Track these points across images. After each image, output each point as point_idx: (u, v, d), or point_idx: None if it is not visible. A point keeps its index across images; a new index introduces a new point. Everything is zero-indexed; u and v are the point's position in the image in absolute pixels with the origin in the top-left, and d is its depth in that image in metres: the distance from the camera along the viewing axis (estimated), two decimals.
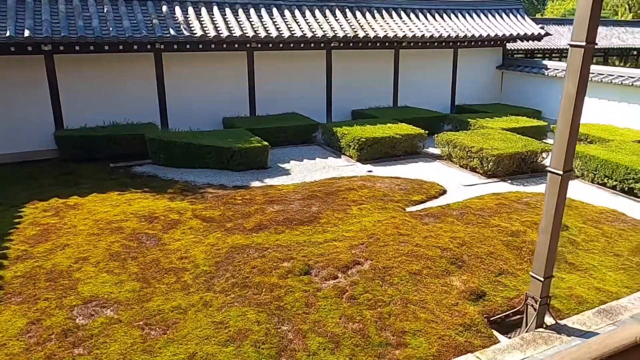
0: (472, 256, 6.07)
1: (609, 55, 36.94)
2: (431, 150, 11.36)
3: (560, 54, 35.09)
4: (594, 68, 13.76)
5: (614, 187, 9.10)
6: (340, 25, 12.73)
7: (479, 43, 14.82)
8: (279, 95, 13.01)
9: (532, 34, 15.02)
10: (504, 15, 15.44)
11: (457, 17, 14.76)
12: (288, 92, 13.17)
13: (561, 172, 4.22)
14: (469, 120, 12.49)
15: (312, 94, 13.45)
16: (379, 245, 6.26)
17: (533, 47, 30.46)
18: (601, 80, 12.83)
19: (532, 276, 4.65)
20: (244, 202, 7.90)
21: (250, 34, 11.39)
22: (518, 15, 15.64)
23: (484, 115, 13.08)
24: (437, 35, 13.62)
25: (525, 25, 15.32)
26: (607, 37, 34.22)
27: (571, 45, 3.99)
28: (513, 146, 9.83)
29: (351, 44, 12.83)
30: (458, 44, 14.62)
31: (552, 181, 4.33)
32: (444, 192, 8.73)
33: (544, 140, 12.70)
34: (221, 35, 11.07)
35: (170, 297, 5.20)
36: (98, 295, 5.20)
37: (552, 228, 4.43)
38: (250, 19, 11.87)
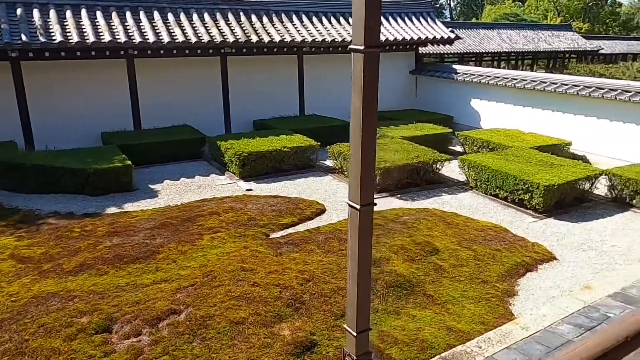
0: (315, 295, 5.22)
1: (538, 59, 38.00)
2: (328, 162, 10.58)
3: (492, 57, 35.76)
4: (494, 71, 13.48)
5: (505, 199, 8.58)
6: (232, 30, 11.78)
7: (389, 47, 14.26)
8: (168, 106, 11.91)
9: (442, 37, 14.62)
10: (414, 19, 14.97)
11: None
12: (179, 102, 12.09)
13: (358, 207, 3.41)
14: None
15: (208, 104, 12.43)
16: (212, 286, 5.31)
17: (462, 51, 30.79)
18: (505, 85, 12.50)
19: (346, 329, 3.83)
20: (82, 235, 6.77)
21: (123, 39, 10.25)
22: (429, 19, 15.23)
23: (389, 123, 12.46)
24: (340, 39, 12.92)
25: (436, 29, 14.92)
26: (534, 41, 35.15)
27: (351, 50, 3.18)
28: (405, 157, 9.17)
29: (245, 50, 11.90)
30: None
31: (352, 216, 3.52)
32: (322, 211, 7.91)
33: (450, 147, 12.24)
34: (87, 41, 9.87)
35: None
36: None
37: (359, 272, 3.60)
38: (126, 23, 10.72)
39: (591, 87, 10.81)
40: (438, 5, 75.82)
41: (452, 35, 14.73)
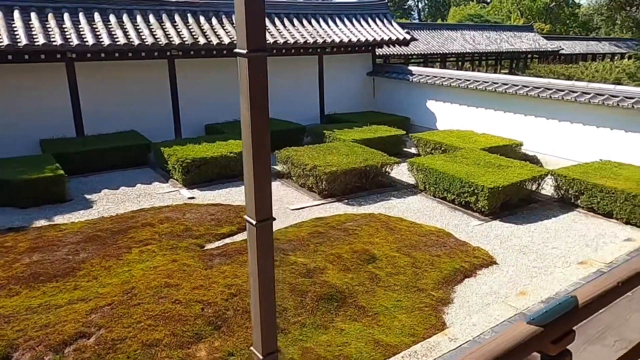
0: (240, 311, 4.96)
1: (501, 59, 38.65)
2: (278, 167, 10.31)
3: (456, 58, 36.18)
4: (448, 72, 13.48)
5: (453, 202, 8.50)
6: (178, 32, 11.40)
7: (344, 49, 14.10)
8: (114, 111, 11.44)
9: (398, 38, 14.55)
10: (369, 20, 14.86)
11: (319, 22, 13.94)
12: (125, 107, 11.63)
13: (254, 222, 3.17)
14: (324, 131, 11.62)
15: (157, 109, 12.00)
16: (130, 305, 4.98)
17: (426, 52, 31.00)
18: (459, 86, 12.49)
19: (252, 352, 3.58)
20: (1, 251, 6.32)
21: (60, 42, 9.76)
22: (385, 20, 15.14)
23: (344, 126, 12.29)
24: (292, 41, 12.69)
25: (392, 30, 14.84)
26: (497, 42, 35.71)
27: (236, 54, 2.94)
28: (353, 161, 8.99)
29: (192, 52, 11.54)
30: (319, 50, 13.78)
31: (250, 232, 3.27)
32: None
33: (406, 149, 12.16)
34: (18, 44, 9.35)
35: None
36: None
37: (261, 292, 3.35)
38: (63, 25, 10.22)
39: (540, 87, 10.87)
40: (406, 7, 76.74)
41: (408, 37, 14.69)
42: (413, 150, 12.04)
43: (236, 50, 3.03)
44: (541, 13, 51.10)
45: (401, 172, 10.00)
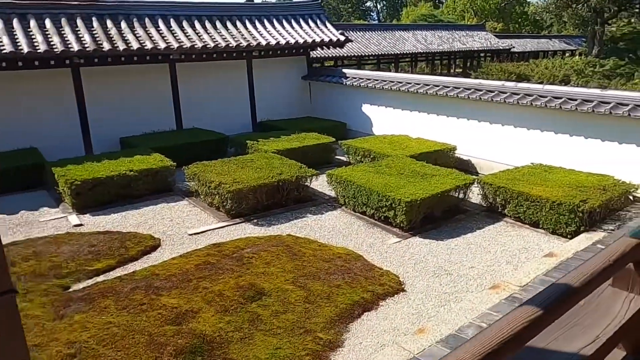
0: None
1: (455, 58, 38.70)
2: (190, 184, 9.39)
3: (411, 58, 35.97)
4: (381, 75, 12.87)
5: (372, 216, 7.80)
6: (79, 37, 10.33)
7: (274, 52, 13.30)
8: (10, 127, 10.29)
9: (331, 40, 13.86)
10: (301, 21, 14.11)
11: (245, 25, 13.09)
12: (24, 123, 10.50)
13: None
14: (247, 142, 10.77)
15: (62, 123, 10.90)
16: None
17: (378, 53, 30.56)
18: (391, 88, 11.87)
19: None
20: None
21: None
22: (318, 21, 14.43)
23: (272, 135, 11.47)
24: (213, 45, 11.80)
25: (325, 32, 14.14)
26: (449, 41, 35.66)
27: None
28: (265, 175, 8.17)
29: (97, 60, 10.49)
30: (246, 54, 12.93)
31: None
32: (154, 248, 6.72)
33: (339, 157, 11.44)
34: None
35: None
36: None
37: None
38: None
39: (470, 88, 10.35)
40: (364, 8, 76.82)
41: (342, 38, 14.01)
42: (345, 158, 11.33)
43: None
44: (494, 12, 51.79)
45: (325, 184, 9.26)
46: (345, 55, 28.91)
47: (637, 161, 8.03)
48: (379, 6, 78.83)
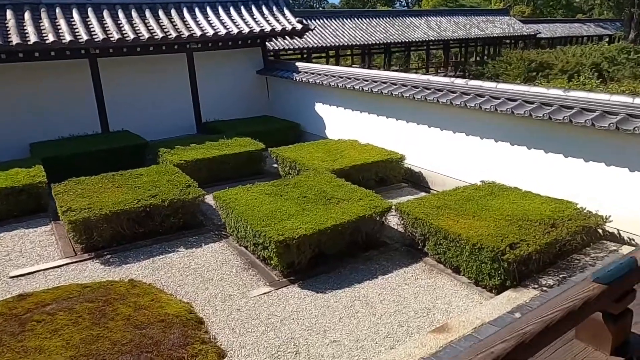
0: None
1: (468, 46, 35.72)
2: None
3: (419, 46, 33.54)
4: (332, 69, 11.14)
5: (254, 252, 6.19)
6: None
7: (220, 44, 11.75)
8: None
9: (286, 28, 12.15)
10: (254, 8, 12.45)
11: (181, 13, 11.56)
12: None
13: None
14: (159, 151, 9.29)
15: None
16: None
17: (384, 42, 28.43)
18: (339, 86, 10.09)
19: None
20: None
21: None
22: (275, 8, 12.72)
23: (204, 139, 9.95)
24: (146, 37, 10.35)
25: (281, 20, 12.43)
26: (465, 27, 33.01)
27: None
28: (132, 198, 6.65)
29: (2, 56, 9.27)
30: (187, 46, 11.44)
31: None
32: None
33: (274, 166, 9.81)
34: None
35: None
36: None
37: None
38: None
39: (418, 87, 8.47)
40: None
41: (299, 26, 12.27)
42: (276, 165, 9.67)
43: None
44: None
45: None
46: (348, 44, 27.12)
47: (606, 184, 6.06)
48: None
